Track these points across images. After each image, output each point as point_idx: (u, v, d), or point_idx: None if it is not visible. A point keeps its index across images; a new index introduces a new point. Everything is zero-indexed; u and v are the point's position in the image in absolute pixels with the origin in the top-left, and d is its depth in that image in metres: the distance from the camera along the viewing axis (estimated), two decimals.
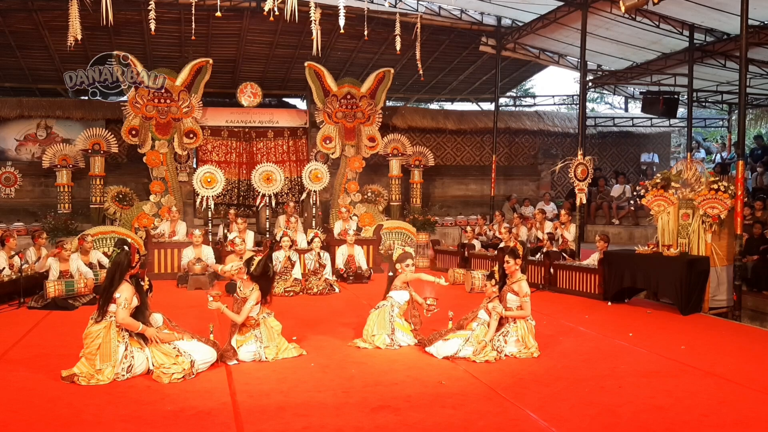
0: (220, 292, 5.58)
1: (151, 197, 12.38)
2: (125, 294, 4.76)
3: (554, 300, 8.48)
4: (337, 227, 11.72)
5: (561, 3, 11.49)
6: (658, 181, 8.40)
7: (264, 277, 5.46)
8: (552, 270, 9.28)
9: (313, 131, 13.93)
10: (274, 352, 5.36)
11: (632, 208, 13.15)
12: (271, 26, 12.00)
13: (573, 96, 18.96)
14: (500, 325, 5.61)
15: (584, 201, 10.98)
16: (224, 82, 15.12)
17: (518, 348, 5.46)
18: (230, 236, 10.53)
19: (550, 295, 8.95)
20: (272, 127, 14.31)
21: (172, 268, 10.38)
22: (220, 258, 9.93)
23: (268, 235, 11.97)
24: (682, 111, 16.55)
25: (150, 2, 8.95)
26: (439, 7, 13.17)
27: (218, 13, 9.36)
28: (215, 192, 11.89)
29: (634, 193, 10.81)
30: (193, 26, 10.20)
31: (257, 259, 5.51)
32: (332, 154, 13.47)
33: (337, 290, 9.23)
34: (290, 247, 9.49)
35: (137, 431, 3.81)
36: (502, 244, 10.31)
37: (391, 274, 6.17)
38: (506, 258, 5.67)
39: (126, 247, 4.92)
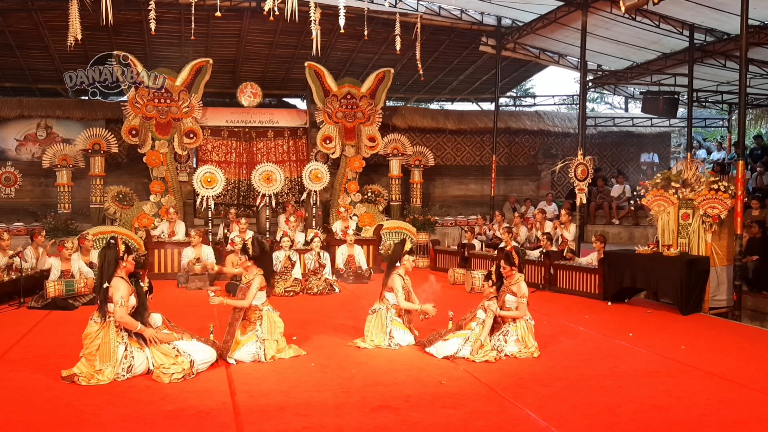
0: (219, 288, 5.61)
1: (151, 197, 12.38)
2: (121, 292, 4.77)
3: (554, 300, 8.48)
4: (337, 227, 11.73)
5: (561, 3, 11.48)
6: (658, 181, 8.40)
7: (264, 254, 5.55)
8: (552, 270, 9.28)
9: (313, 131, 13.92)
10: (273, 348, 5.36)
11: (632, 208, 13.15)
12: (271, 26, 12.00)
13: (573, 96, 18.96)
14: (499, 324, 5.62)
15: (584, 201, 10.99)
16: (224, 82, 15.12)
17: (518, 348, 5.47)
18: (231, 236, 10.54)
19: (550, 295, 8.95)
20: (272, 127, 14.31)
21: (172, 268, 10.39)
22: (220, 258, 9.94)
23: (268, 235, 11.97)
24: (682, 111, 16.55)
25: (150, 2, 8.95)
26: (439, 7, 13.16)
27: (218, 13, 9.37)
28: (215, 192, 11.88)
29: (634, 193, 10.81)
30: (193, 26, 10.20)
31: (249, 241, 5.64)
32: (332, 154, 13.47)
33: (337, 290, 9.23)
34: (290, 247, 9.50)
35: (137, 431, 3.81)
36: (502, 244, 10.31)
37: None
38: (502, 263, 5.69)
39: (111, 241, 4.93)
